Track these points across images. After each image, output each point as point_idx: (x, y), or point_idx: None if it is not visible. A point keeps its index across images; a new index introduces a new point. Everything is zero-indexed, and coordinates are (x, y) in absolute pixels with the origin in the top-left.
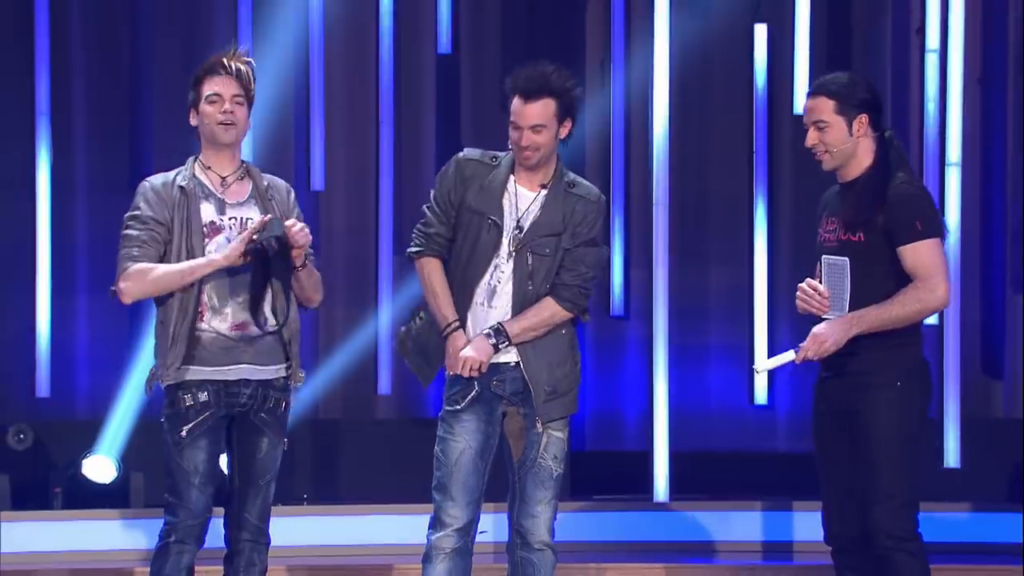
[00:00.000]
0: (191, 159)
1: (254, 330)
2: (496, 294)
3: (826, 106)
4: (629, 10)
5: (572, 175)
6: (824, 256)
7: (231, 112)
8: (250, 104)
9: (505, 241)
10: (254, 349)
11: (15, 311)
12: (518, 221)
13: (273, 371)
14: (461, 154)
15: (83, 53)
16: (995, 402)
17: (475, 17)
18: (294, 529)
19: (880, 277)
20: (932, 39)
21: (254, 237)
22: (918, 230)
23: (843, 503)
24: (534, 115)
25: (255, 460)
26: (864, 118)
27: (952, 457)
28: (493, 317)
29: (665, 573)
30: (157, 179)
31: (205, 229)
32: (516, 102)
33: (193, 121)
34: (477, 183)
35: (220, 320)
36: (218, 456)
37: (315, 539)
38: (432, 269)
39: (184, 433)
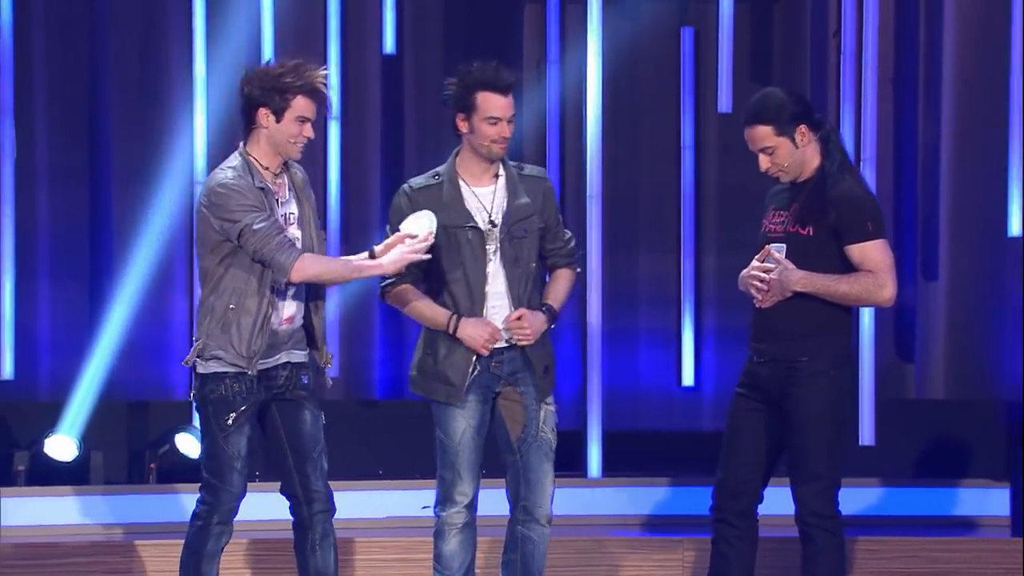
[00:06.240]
0: (239, 154)
1: (297, 321)
2: (490, 283)
3: (766, 133)
4: (564, 13)
5: (514, 161)
6: (771, 245)
7: (311, 136)
8: None
9: (488, 238)
10: (293, 339)
11: None
12: (490, 216)
13: (303, 355)
14: (407, 185)
15: (44, 54)
16: (907, 384)
17: (418, 19)
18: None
19: (824, 270)
20: (847, 42)
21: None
22: (869, 231)
23: (740, 480)
24: (511, 107)
25: (303, 434)
26: (803, 128)
27: (867, 435)
28: (492, 304)
29: (598, 546)
30: (230, 179)
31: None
32: (492, 97)
33: (264, 122)
34: (433, 205)
35: (275, 315)
36: (255, 440)
37: (264, 515)
38: (406, 290)
39: (231, 420)
